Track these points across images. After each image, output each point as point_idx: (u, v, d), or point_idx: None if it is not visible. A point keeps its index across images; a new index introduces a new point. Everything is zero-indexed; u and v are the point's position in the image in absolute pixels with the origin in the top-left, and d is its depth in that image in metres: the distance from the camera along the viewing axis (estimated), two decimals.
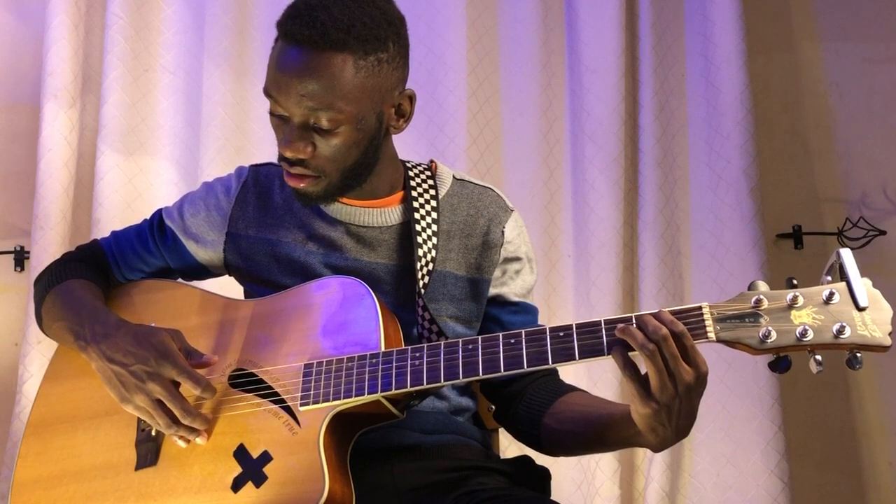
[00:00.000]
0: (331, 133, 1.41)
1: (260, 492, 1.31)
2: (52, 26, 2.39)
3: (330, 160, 1.44)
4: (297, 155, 1.42)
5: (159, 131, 2.47)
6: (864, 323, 1.19)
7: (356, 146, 1.44)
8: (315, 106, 1.39)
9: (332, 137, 1.42)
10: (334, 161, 1.44)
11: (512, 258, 1.59)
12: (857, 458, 2.67)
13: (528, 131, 2.60)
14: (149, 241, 1.65)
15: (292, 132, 1.42)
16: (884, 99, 2.81)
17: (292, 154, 1.43)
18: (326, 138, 1.42)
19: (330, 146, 1.42)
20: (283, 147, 1.43)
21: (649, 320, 1.22)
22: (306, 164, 1.44)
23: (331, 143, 1.42)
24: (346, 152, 1.44)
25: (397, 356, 1.34)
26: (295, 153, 1.42)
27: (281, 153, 1.45)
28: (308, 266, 1.54)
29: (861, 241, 2.66)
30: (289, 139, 1.42)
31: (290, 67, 1.39)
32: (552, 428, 1.47)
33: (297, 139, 1.42)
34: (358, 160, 1.46)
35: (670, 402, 1.21)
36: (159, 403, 1.36)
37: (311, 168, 1.44)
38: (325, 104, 1.39)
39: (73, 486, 1.42)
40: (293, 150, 1.42)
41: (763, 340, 1.21)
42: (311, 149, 1.42)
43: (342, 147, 1.43)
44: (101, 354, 1.40)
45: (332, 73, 1.38)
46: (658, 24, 2.63)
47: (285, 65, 1.40)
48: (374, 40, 1.40)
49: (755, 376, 2.45)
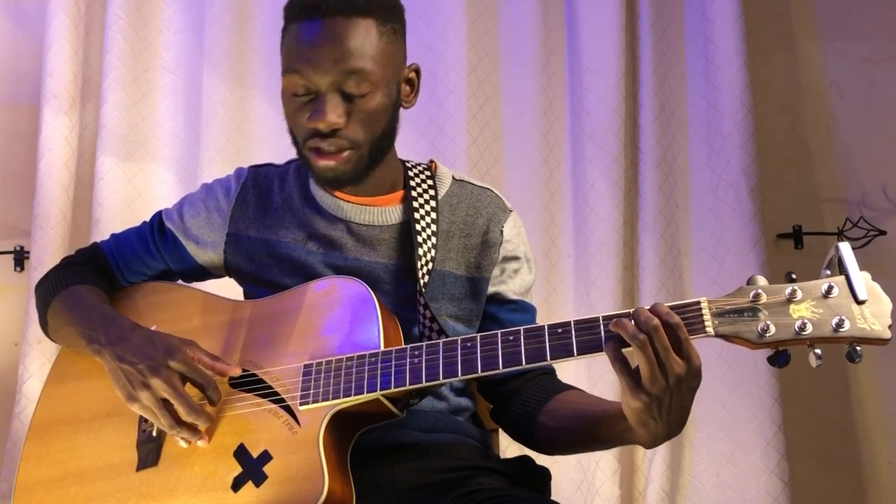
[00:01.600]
0: (362, 97, 1.43)
1: (260, 491, 1.31)
2: (52, 26, 2.39)
3: (363, 127, 1.45)
4: (332, 124, 1.42)
5: (159, 131, 2.47)
6: (863, 316, 1.18)
7: (384, 113, 1.47)
8: (347, 69, 1.41)
9: (364, 103, 1.44)
10: (367, 128, 1.45)
11: (511, 257, 1.60)
12: (857, 458, 2.67)
13: (528, 131, 2.60)
14: (149, 244, 1.65)
15: (324, 102, 1.42)
16: (884, 99, 2.81)
17: (326, 124, 1.42)
18: (358, 105, 1.44)
19: (362, 112, 1.44)
20: (315, 120, 1.43)
21: (642, 312, 1.21)
22: (340, 135, 1.44)
23: (363, 108, 1.44)
24: (377, 119, 1.46)
25: (396, 355, 1.34)
26: (329, 123, 1.42)
27: (312, 127, 1.44)
28: (308, 266, 1.54)
29: (861, 241, 2.66)
30: (321, 110, 1.42)
31: (318, 37, 1.42)
32: (547, 425, 1.47)
33: (331, 108, 1.42)
34: (385, 130, 1.48)
35: (661, 395, 1.20)
36: (164, 403, 1.37)
37: (345, 138, 1.44)
38: (358, 67, 1.41)
39: (74, 488, 1.42)
40: (327, 119, 1.42)
41: (762, 334, 1.20)
42: (344, 117, 1.43)
43: (374, 113, 1.45)
44: (115, 356, 1.41)
45: (360, 37, 1.42)
46: (658, 24, 2.64)
47: (311, 35, 1.42)
48: (391, 10, 1.48)
49: (755, 376, 2.45)
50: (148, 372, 1.36)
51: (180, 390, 1.36)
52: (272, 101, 2.49)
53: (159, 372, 1.36)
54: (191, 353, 1.39)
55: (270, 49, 2.51)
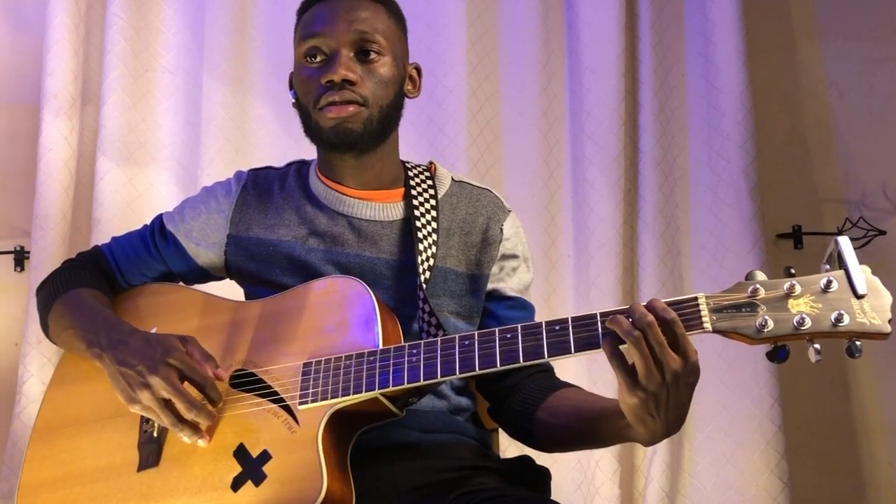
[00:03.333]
0: (376, 62, 1.52)
1: (259, 490, 1.31)
2: (52, 26, 2.39)
3: (375, 88, 1.52)
4: (346, 74, 1.49)
5: (159, 131, 2.47)
6: (862, 310, 1.17)
7: (392, 84, 1.54)
8: (366, 30, 1.52)
9: (377, 66, 1.52)
10: (378, 89, 1.52)
11: (509, 255, 1.61)
12: (857, 458, 2.67)
13: (528, 131, 2.60)
14: (150, 246, 1.66)
15: (339, 58, 1.50)
16: (884, 99, 2.81)
17: (342, 74, 1.49)
18: (371, 67, 1.52)
19: (375, 75, 1.52)
20: (330, 73, 1.49)
21: (637, 308, 1.20)
22: (352, 89, 1.50)
23: (375, 71, 1.52)
24: (387, 85, 1.53)
25: (395, 353, 1.34)
26: (342, 75, 1.49)
27: (327, 80, 1.49)
28: (309, 264, 1.55)
29: (861, 241, 2.66)
30: (335, 64, 1.50)
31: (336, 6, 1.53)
32: (545, 422, 1.47)
33: (345, 64, 1.50)
34: (392, 102, 1.55)
35: (658, 391, 1.19)
36: (165, 402, 1.37)
37: (358, 93, 1.50)
38: (372, 29, 1.52)
39: (76, 489, 1.43)
40: (340, 72, 1.49)
41: (760, 330, 1.19)
42: (358, 73, 1.50)
43: (385, 78, 1.53)
44: (114, 359, 1.41)
45: (373, 10, 1.55)
46: (658, 24, 2.64)
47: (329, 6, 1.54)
48: (397, 9, 1.61)
49: (755, 376, 2.45)
50: (147, 372, 1.36)
51: (179, 388, 1.36)
52: (272, 101, 2.49)
53: (158, 370, 1.36)
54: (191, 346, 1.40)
55: (270, 50, 2.51)
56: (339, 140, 1.52)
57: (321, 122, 1.51)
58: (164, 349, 1.38)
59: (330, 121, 1.50)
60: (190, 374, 1.37)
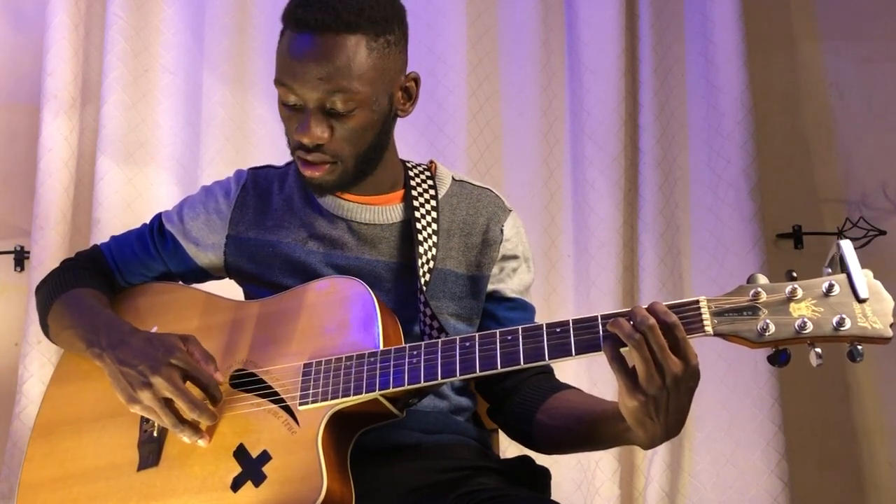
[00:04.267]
0: (347, 116, 1.44)
1: (259, 491, 1.31)
2: (52, 26, 2.39)
3: (346, 144, 1.46)
4: (315, 140, 1.44)
5: (159, 131, 2.47)
6: (864, 315, 1.16)
7: (371, 129, 1.47)
8: (332, 88, 1.41)
9: (348, 120, 1.44)
10: (351, 145, 1.46)
11: (510, 256, 1.61)
12: (857, 458, 2.67)
13: (528, 131, 2.60)
14: (149, 246, 1.66)
15: (309, 118, 1.43)
16: (884, 99, 2.81)
17: (310, 139, 1.44)
18: (343, 122, 1.44)
19: (346, 129, 1.45)
20: (300, 134, 1.44)
21: (639, 311, 1.20)
22: (323, 150, 1.46)
23: (347, 126, 1.45)
24: (362, 135, 1.46)
25: (395, 355, 1.34)
26: (312, 138, 1.44)
27: (297, 140, 1.46)
28: (309, 266, 1.54)
29: (861, 241, 2.66)
30: (306, 125, 1.44)
31: (305, 53, 1.42)
32: (545, 424, 1.47)
33: (315, 124, 1.43)
34: (372, 143, 1.49)
35: (658, 395, 1.19)
36: (166, 402, 1.37)
37: (329, 153, 1.46)
38: (342, 87, 1.41)
39: (76, 488, 1.43)
40: (311, 135, 1.43)
41: (761, 333, 1.18)
42: (328, 133, 1.44)
43: (358, 130, 1.45)
44: (115, 359, 1.41)
45: (346, 55, 1.41)
46: (658, 24, 2.64)
47: (299, 51, 1.42)
48: (384, 22, 1.45)
49: (755, 376, 2.45)
50: (149, 371, 1.36)
51: (181, 387, 1.36)
52: (272, 101, 2.49)
53: (160, 370, 1.35)
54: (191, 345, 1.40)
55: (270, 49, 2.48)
56: (316, 190, 1.53)
57: (299, 166, 1.50)
58: (165, 349, 1.38)
59: (305, 175, 1.49)
60: (193, 374, 1.37)
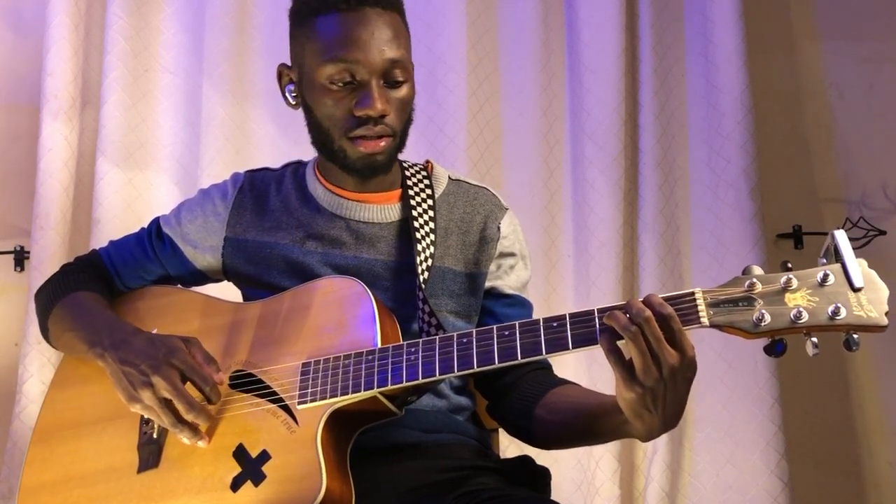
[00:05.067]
0: (400, 86, 1.49)
1: (259, 490, 1.31)
2: (52, 26, 2.39)
3: (399, 114, 1.50)
4: (381, 111, 1.46)
5: (159, 131, 2.47)
6: (859, 303, 1.16)
7: (411, 103, 1.53)
8: (396, 57, 1.46)
9: (400, 91, 1.49)
10: (402, 116, 1.51)
11: (507, 253, 1.61)
12: (857, 458, 2.67)
13: (528, 131, 2.60)
14: (147, 250, 1.66)
15: (373, 89, 1.45)
16: (884, 99, 2.81)
17: (377, 111, 1.45)
18: (396, 92, 1.49)
19: (399, 101, 1.49)
20: (365, 108, 1.45)
21: (635, 303, 1.20)
22: (386, 123, 1.48)
23: (399, 97, 1.49)
24: (410, 106, 1.52)
25: (393, 352, 1.35)
26: (379, 110, 1.45)
27: (363, 114, 1.46)
28: (306, 266, 1.54)
29: (861, 241, 2.66)
30: (371, 97, 1.45)
31: (368, 24, 1.45)
32: (544, 419, 1.47)
33: (380, 95, 1.46)
34: (410, 120, 1.54)
35: (655, 386, 1.19)
36: (166, 402, 1.37)
37: (389, 126, 1.48)
38: (402, 55, 1.48)
39: (77, 491, 1.43)
40: (377, 107, 1.45)
41: (757, 324, 1.19)
42: (388, 105, 1.47)
43: (407, 101, 1.51)
44: (117, 358, 1.41)
45: (399, 28, 1.49)
46: (658, 24, 2.64)
47: (360, 23, 1.46)
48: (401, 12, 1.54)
49: (755, 376, 2.45)
50: (149, 370, 1.36)
51: (180, 388, 1.36)
52: (272, 101, 2.49)
53: (160, 370, 1.36)
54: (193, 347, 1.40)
55: (270, 50, 2.51)
56: (367, 170, 1.52)
57: (349, 150, 1.49)
58: (167, 349, 1.39)
59: (361, 153, 1.49)
60: (191, 375, 1.37)
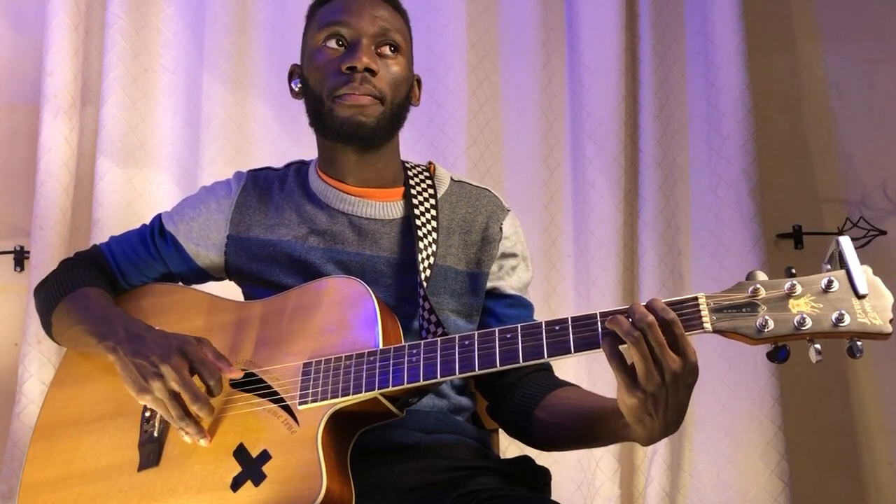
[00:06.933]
0: (393, 59, 1.56)
1: (259, 490, 1.31)
2: (52, 26, 2.39)
3: (391, 84, 1.54)
4: (367, 63, 1.51)
5: (159, 131, 2.47)
6: (863, 310, 1.17)
7: (405, 83, 1.57)
8: (387, 26, 1.55)
9: (393, 63, 1.55)
10: (393, 86, 1.54)
11: (509, 254, 1.62)
12: (857, 458, 2.67)
13: (528, 131, 2.60)
14: (149, 247, 1.66)
15: (362, 46, 1.52)
16: (884, 99, 2.81)
17: (364, 62, 1.51)
18: (388, 64, 1.55)
19: (391, 72, 1.54)
20: (352, 59, 1.51)
21: (637, 308, 1.20)
22: (373, 83, 1.51)
23: (391, 68, 1.55)
24: (402, 82, 1.56)
25: (394, 353, 1.35)
26: (364, 63, 1.50)
27: (351, 65, 1.51)
28: (309, 263, 1.55)
29: (861, 241, 2.66)
30: (359, 50, 1.52)
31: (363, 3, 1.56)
32: (544, 421, 1.47)
33: (370, 53, 1.53)
34: (402, 101, 1.57)
35: (657, 392, 1.19)
36: (175, 395, 1.37)
37: (377, 87, 1.52)
38: (395, 27, 1.57)
39: (77, 488, 1.43)
40: (362, 60, 1.50)
41: (760, 330, 1.19)
42: (377, 64, 1.52)
43: (399, 76, 1.56)
44: (130, 350, 1.42)
45: (392, 12, 1.59)
46: (658, 24, 2.64)
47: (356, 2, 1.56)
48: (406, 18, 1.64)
49: (755, 376, 2.45)
50: (160, 361, 1.37)
51: (187, 378, 1.37)
52: (272, 101, 2.49)
53: (170, 360, 1.37)
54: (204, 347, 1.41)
55: (270, 49, 2.51)
56: (352, 131, 1.52)
57: (336, 110, 1.52)
58: (179, 342, 1.40)
59: (346, 109, 1.51)
60: (199, 367, 1.38)
